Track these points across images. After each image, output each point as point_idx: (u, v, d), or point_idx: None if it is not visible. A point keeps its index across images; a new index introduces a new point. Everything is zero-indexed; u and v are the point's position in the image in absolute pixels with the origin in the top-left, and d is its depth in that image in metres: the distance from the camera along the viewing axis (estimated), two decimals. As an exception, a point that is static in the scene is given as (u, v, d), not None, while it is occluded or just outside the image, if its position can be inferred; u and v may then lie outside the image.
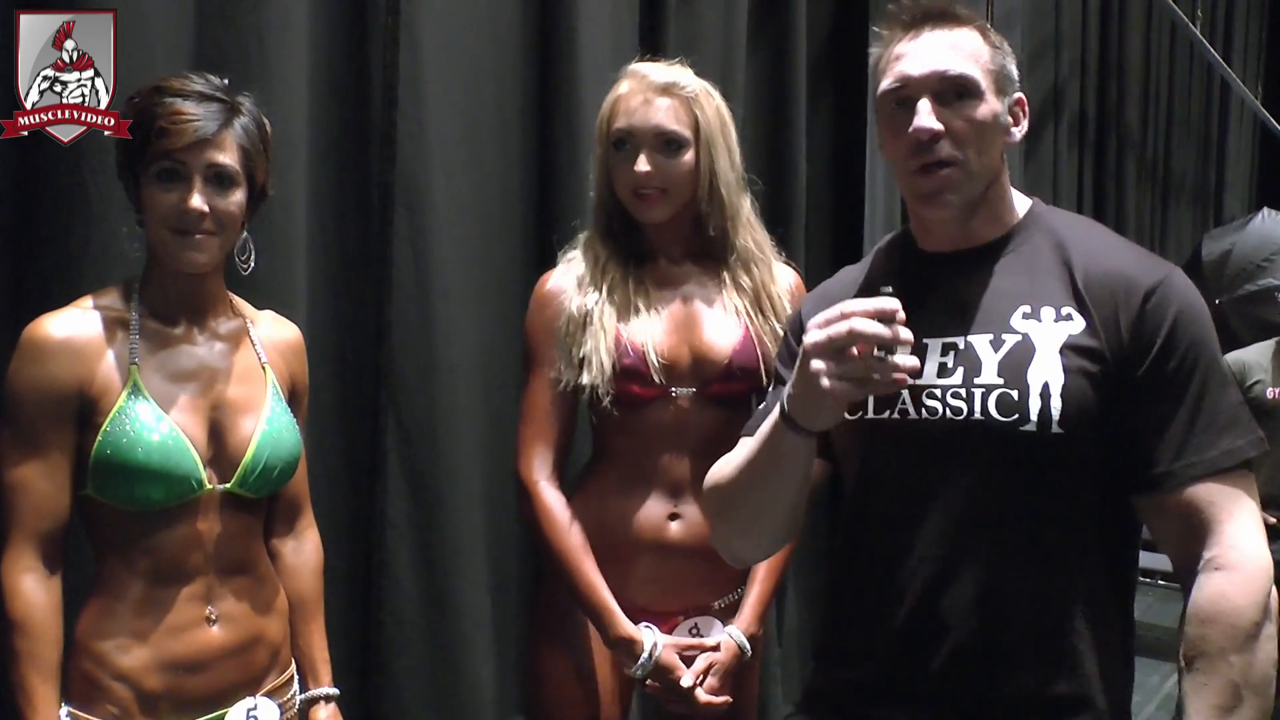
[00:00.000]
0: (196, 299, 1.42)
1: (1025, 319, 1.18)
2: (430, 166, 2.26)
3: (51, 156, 1.68)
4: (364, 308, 2.23)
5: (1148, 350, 1.15)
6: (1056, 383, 1.14)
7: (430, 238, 2.24)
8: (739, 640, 1.68)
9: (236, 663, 1.40)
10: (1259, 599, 1.10)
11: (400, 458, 2.23)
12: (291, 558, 1.57)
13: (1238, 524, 1.12)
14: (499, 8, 2.48)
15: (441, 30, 2.29)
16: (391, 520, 2.23)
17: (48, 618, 1.31)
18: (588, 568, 1.63)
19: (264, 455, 1.40)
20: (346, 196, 2.20)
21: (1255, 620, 1.09)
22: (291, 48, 2.01)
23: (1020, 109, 1.25)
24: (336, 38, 2.18)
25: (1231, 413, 1.15)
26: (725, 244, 1.72)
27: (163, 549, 1.35)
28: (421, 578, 2.26)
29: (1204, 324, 1.17)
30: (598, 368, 1.61)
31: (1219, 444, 1.13)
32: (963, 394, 1.18)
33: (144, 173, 1.33)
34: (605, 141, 1.67)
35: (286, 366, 1.52)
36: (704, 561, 1.65)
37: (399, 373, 2.22)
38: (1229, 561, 1.11)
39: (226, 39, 1.91)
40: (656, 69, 1.68)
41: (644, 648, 1.61)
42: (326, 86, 2.16)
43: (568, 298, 1.67)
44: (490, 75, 2.42)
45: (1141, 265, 1.19)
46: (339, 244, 2.20)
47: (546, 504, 1.65)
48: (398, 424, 2.22)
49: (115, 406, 1.31)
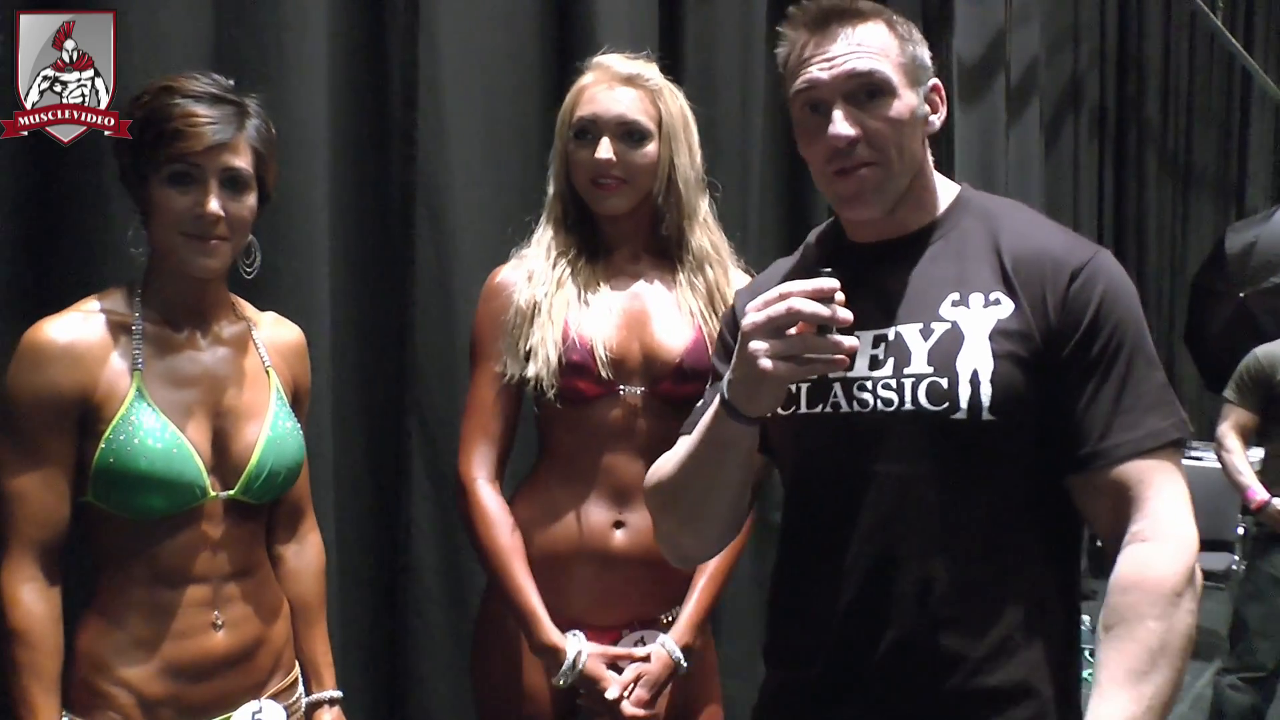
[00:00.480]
0: (200, 303, 1.40)
1: (954, 306, 1.17)
2: (450, 165, 2.24)
3: (72, 160, 1.67)
4: (386, 309, 2.22)
5: (1074, 330, 1.14)
6: (986, 369, 1.14)
7: (451, 237, 2.23)
8: (671, 650, 1.60)
9: (241, 667, 1.39)
10: (1181, 569, 1.10)
11: (424, 460, 2.21)
12: (294, 561, 1.55)
13: (1164, 499, 1.12)
14: (518, 5, 2.46)
15: (460, 28, 2.27)
16: (416, 523, 2.21)
17: (47, 628, 1.29)
18: (516, 569, 1.58)
19: (268, 462, 1.38)
20: (367, 197, 2.19)
21: (1175, 589, 1.09)
22: (310, 48, 1.99)
23: (937, 95, 1.24)
24: (355, 37, 2.17)
25: (1157, 394, 1.15)
26: (681, 243, 1.69)
27: (166, 556, 1.33)
28: (447, 580, 2.24)
29: (1130, 304, 1.17)
30: (544, 360, 1.57)
31: (1144, 424, 1.13)
32: (893, 385, 1.17)
33: (153, 175, 1.30)
34: (567, 131, 1.66)
35: (289, 369, 1.50)
36: (650, 572, 1.61)
37: (422, 374, 2.21)
38: (1154, 534, 1.11)
39: (245, 40, 1.90)
40: (621, 61, 1.67)
41: (566, 656, 1.55)
42: (345, 86, 2.14)
43: (517, 290, 1.64)
44: (510, 73, 2.41)
45: (1069, 245, 1.19)
46: (360, 245, 2.19)
47: (481, 502, 1.61)
48: (421, 426, 2.20)
49: (118, 414, 1.29)
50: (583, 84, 1.66)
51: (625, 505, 1.62)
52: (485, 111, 2.32)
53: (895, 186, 1.20)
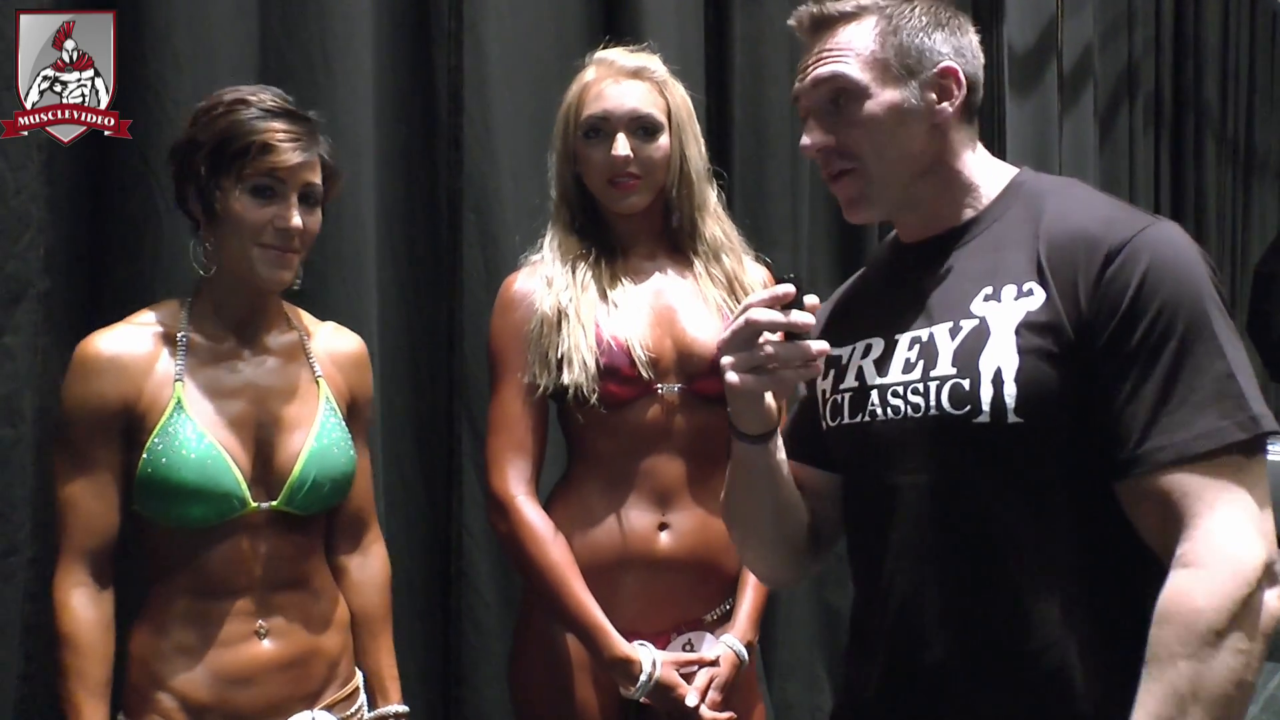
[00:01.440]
0: (254, 314, 1.41)
1: (986, 301, 1.07)
2: (498, 170, 2.23)
3: (124, 172, 1.68)
4: (435, 315, 2.21)
5: (1110, 318, 1.01)
6: (1010, 367, 1.03)
7: (500, 242, 2.22)
8: (737, 650, 1.59)
9: (289, 676, 1.39)
10: (1225, 602, 0.94)
11: (476, 466, 2.20)
12: (357, 573, 1.55)
13: (1217, 516, 0.96)
14: (563, 10, 2.45)
15: (506, 33, 2.27)
16: (469, 529, 2.21)
17: (96, 634, 1.32)
18: (576, 586, 1.53)
19: (311, 472, 1.38)
20: (415, 203, 2.19)
21: (1215, 626, 0.94)
22: (356, 56, 2.00)
23: (950, 79, 1.12)
24: (400, 44, 2.17)
25: (1216, 387, 0.98)
26: (695, 234, 1.65)
27: (209, 565, 1.34)
28: (501, 586, 2.24)
29: (1184, 281, 1.00)
30: (579, 365, 1.53)
31: (1195, 423, 0.97)
32: (920, 389, 1.09)
33: (233, 186, 1.31)
34: (573, 131, 1.61)
35: (345, 379, 1.50)
36: (695, 573, 1.58)
37: (472, 380, 2.20)
38: (1198, 558, 0.96)
39: (291, 49, 1.91)
40: (625, 54, 1.63)
41: (642, 667, 1.52)
42: (392, 93, 2.15)
43: (538, 298, 1.59)
44: (556, 77, 2.39)
45: (1112, 222, 1.04)
46: (408, 251, 2.19)
47: (527, 520, 1.56)
48: (472, 432, 2.20)
49: (159, 424, 1.31)
50: (586, 80, 1.61)
51: (668, 507, 1.58)
52: (532, 116, 2.31)
53: (885, 188, 1.14)
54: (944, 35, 1.13)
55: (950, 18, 1.15)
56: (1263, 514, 0.98)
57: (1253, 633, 0.95)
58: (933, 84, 1.12)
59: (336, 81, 1.93)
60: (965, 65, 1.14)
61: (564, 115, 1.63)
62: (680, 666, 1.55)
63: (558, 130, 1.64)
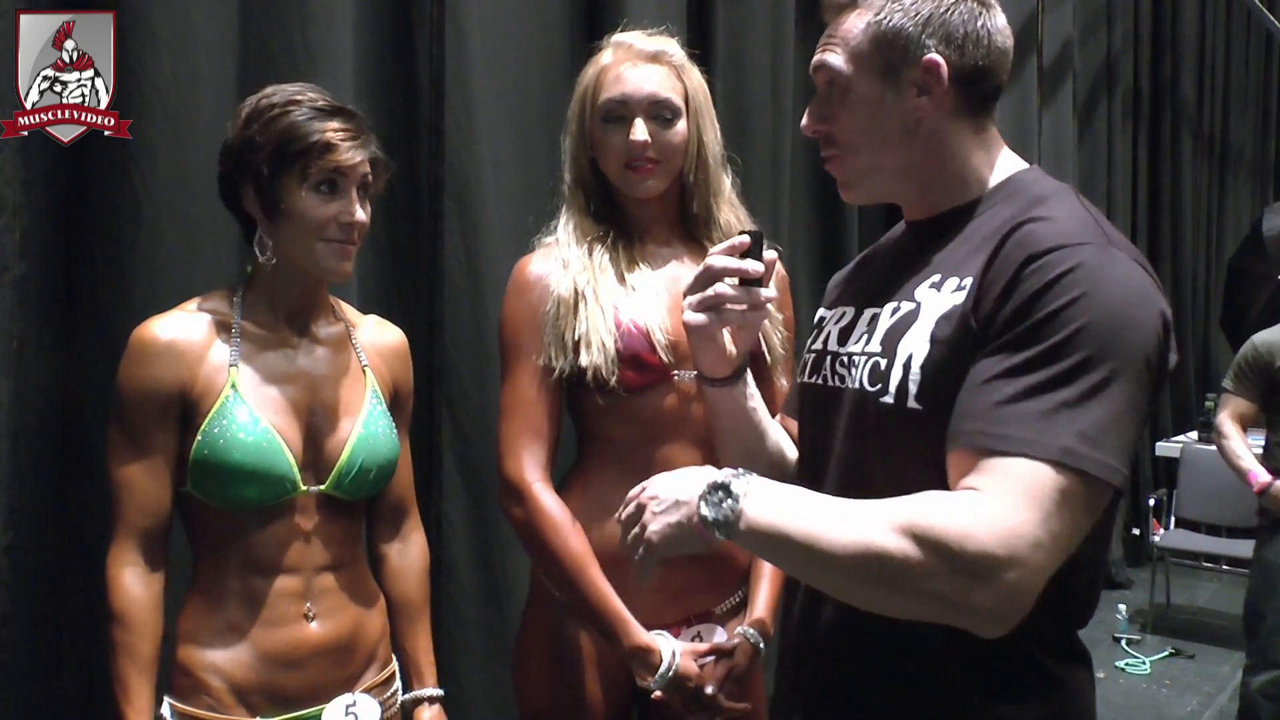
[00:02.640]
0: (305, 305, 1.44)
1: (930, 288, 1.08)
2: (479, 159, 2.23)
3: (103, 157, 1.67)
4: (415, 304, 2.21)
5: (1002, 309, 0.98)
6: (920, 354, 1.04)
7: (481, 231, 2.21)
8: (754, 640, 1.57)
9: (334, 659, 1.42)
10: (981, 535, 0.91)
11: (456, 455, 2.21)
12: (397, 560, 1.58)
13: (994, 494, 0.92)
14: (545, -3, 2.45)
15: (488, 21, 2.26)
16: (449, 518, 2.21)
17: (145, 612, 1.35)
18: (594, 574, 1.50)
19: (359, 458, 1.41)
20: (396, 191, 2.17)
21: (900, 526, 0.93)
22: (336, 41, 1.98)
23: (932, 74, 1.09)
24: (382, 31, 2.15)
25: (1096, 420, 0.92)
26: (709, 221, 1.63)
27: (259, 547, 1.37)
28: (480, 575, 2.24)
29: (1089, 305, 0.94)
30: (599, 347, 1.50)
31: (1050, 430, 0.92)
32: (856, 362, 1.13)
33: (297, 184, 1.34)
34: (590, 115, 1.57)
35: (389, 370, 1.53)
36: (707, 564, 1.57)
37: (452, 369, 2.20)
38: (969, 496, 0.93)
39: (271, 35, 1.89)
40: (643, 38, 1.60)
41: (662, 657, 1.49)
42: (373, 80, 2.14)
43: (554, 279, 1.56)
44: (538, 65, 2.39)
45: (1063, 233, 0.99)
46: (389, 239, 2.18)
47: (544, 507, 1.52)
48: (452, 421, 2.20)
49: (214, 408, 1.34)
50: (605, 64, 1.57)
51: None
52: (513, 103, 2.30)
53: (865, 176, 1.15)
54: (941, 26, 1.09)
55: (957, 3, 1.10)
56: (1035, 532, 0.91)
57: (933, 561, 0.91)
58: (914, 78, 1.10)
59: (317, 68, 1.92)
60: (959, 57, 1.10)
61: (580, 98, 1.59)
62: (697, 657, 1.53)
63: (573, 113, 1.60)
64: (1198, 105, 6.83)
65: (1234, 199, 7.66)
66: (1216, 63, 7.18)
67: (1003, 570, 0.91)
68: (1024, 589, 0.92)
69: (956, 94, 1.11)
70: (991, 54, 1.11)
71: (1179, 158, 6.43)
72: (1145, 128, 6.06)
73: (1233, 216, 7.58)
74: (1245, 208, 7.82)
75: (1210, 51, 7.02)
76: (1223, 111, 7.36)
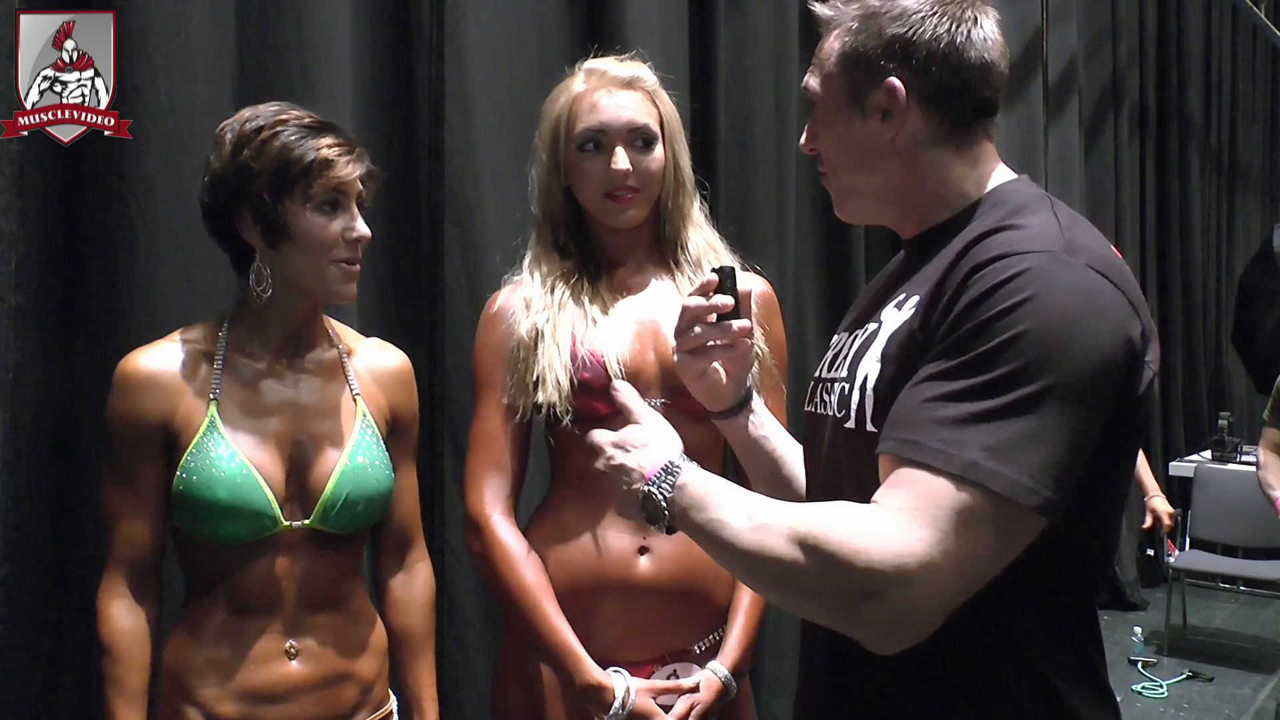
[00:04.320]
0: (298, 332, 1.41)
1: (894, 307, 1.06)
2: (480, 181, 2.21)
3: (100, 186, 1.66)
4: (417, 328, 2.19)
5: (946, 317, 0.95)
6: (873, 375, 1.03)
7: (481, 254, 2.20)
8: (722, 677, 1.53)
9: (319, 697, 1.39)
10: (863, 546, 0.90)
11: (458, 481, 2.18)
12: (400, 591, 1.54)
13: (890, 506, 0.91)
14: (545, 20, 2.44)
15: (488, 43, 2.25)
16: (451, 546, 2.18)
17: (133, 644, 1.35)
18: (548, 608, 1.48)
19: (345, 490, 1.37)
20: (396, 214, 2.17)
21: (799, 536, 0.94)
22: (335, 65, 1.98)
23: (890, 96, 1.05)
24: (381, 54, 2.15)
25: (964, 417, 0.89)
26: (679, 244, 1.61)
27: (242, 582, 1.35)
28: (484, 603, 2.21)
29: (1027, 314, 0.90)
30: (553, 384, 1.49)
31: (962, 439, 0.89)
32: (829, 388, 1.13)
33: (300, 205, 1.31)
34: (564, 145, 1.54)
35: (386, 396, 1.49)
36: (679, 600, 1.52)
37: (453, 394, 2.18)
38: (875, 507, 0.92)
39: (269, 59, 1.89)
40: (614, 64, 1.57)
41: (615, 695, 1.45)
42: (372, 104, 2.13)
43: (517, 319, 1.55)
44: (538, 88, 2.36)
45: (1014, 241, 0.96)
46: (389, 263, 2.17)
47: (499, 539, 1.51)
48: (454, 447, 2.18)
49: (193, 441, 1.32)
50: (577, 91, 1.55)
51: (649, 530, 1.46)
52: (514, 128, 2.29)
53: (848, 196, 1.15)
54: (905, 45, 1.05)
55: (928, 19, 1.05)
56: (927, 551, 0.88)
57: (821, 573, 0.91)
58: (877, 103, 1.07)
59: (315, 92, 1.91)
60: (922, 79, 1.05)
61: (553, 127, 1.56)
62: (659, 694, 1.49)
63: (543, 143, 1.58)
64: (1205, 120, 6.81)
65: (1243, 213, 7.63)
66: (1223, 77, 7.17)
67: (891, 588, 0.89)
68: (918, 607, 0.90)
69: (926, 115, 1.06)
70: (964, 71, 1.05)
71: (1187, 173, 6.41)
72: (1152, 143, 6.04)
73: (1242, 231, 7.54)
74: (1255, 222, 7.79)
75: (1217, 66, 7.01)
76: (1230, 126, 7.34)
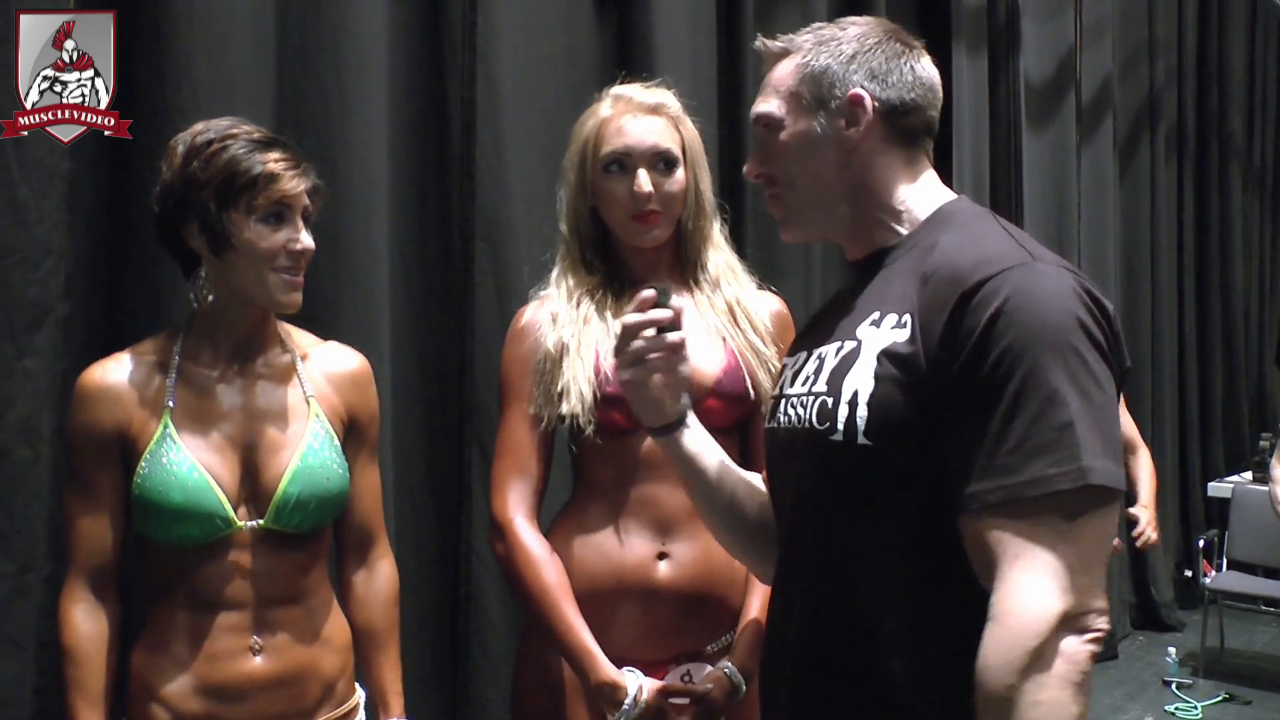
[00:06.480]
0: (251, 339, 1.45)
1: (870, 325, 1.12)
2: (510, 199, 2.27)
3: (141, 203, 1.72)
4: (447, 342, 2.25)
5: (958, 356, 1.01)
6: (866, 391, 1.07)
7: (511, 270, 2.25)
8: (734, 677, 1.56)
9: (283, 693, 1.42)
10: (1012, 658, 0.95)
11: (485, 490, 2.22)
12: (362, 588, 1.58)
13: (1016, 569, 0.97)
14: (575, 43, 2.49)
15: (519, 64, 2.31)
16: (478, 553, 2.23)
17: (93, 646, 1.39)
18: (566, 608, 1.53)
19: (295, 491, 1.41)
20: (427, 232, 2.23)
21: (1005, 681, 0.95)
22: (370, 87, 2.04)
23: (857, 106, 1.16)
24: (414, 75, 2.21)
25: (1050, 435, 0.97)
26: (700, 264, 1.68)
27: (202, 582, 1.39)
28: (508, 610, 2.25)
29: (1034, 326, 0.99)
30: (577, 397, 1.55)
31: (1023, 470, 0.97)
32: (805, 402, 1.16)
33: (244, 216, 1.35)
34: (590, 166, 1.62)
35: (341, 398, 1.52)
36: (695, 604, 1.57)
37: (482, 406, 2.23)
38: (995, 613, 0.97)
39: (306, 81, 1.95)
40: (640, 90, 1.65)
41: (627, 693, 1.50)
42: (405, 123, 2.19)
43: (544, 333, 1.61)
44: (569, 109, 2.43)
45: (983, 262, 1.04)
46: (421, 279, 2.22)
47: (522, 542, 1.56)
48: (482, 457, 2.22)
49: (148, 448, 1.37)
50: (604, 116, 1.62)
51: (668, 536, 1.58)
52: (544, 147, 2.34)
53: (802, 211, 1.21)
54: (864, 63, 1.18)
55: (880, 45, 1.19)
56: (1076, 564, 0.96)
57: (1045, 680, 0.95)
58: (841, 111, 1.17)
59: (350, 111, 1.98)
60: (884, 91, 1.17)
61: (581, 150, 1.63)
62: (672, 695, 1.53)
63: (571, 164, 1.64)
64: (1247, 139, 6.73)
65: (1287, 234, 7.52)
66: (1268, 95, 7.08)
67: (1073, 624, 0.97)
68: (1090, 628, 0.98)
69: (884, 125, 1.18)
70: (916, 90, 1.19)
71: (1228, 193, 6.33)
72: (1191, 164, 5.97)
73: (1286, 252, 7.44)
74: (1299, 243, 7.68)
75: (1261, 84, 6.92)
76: (1275, 145, 7.24)
